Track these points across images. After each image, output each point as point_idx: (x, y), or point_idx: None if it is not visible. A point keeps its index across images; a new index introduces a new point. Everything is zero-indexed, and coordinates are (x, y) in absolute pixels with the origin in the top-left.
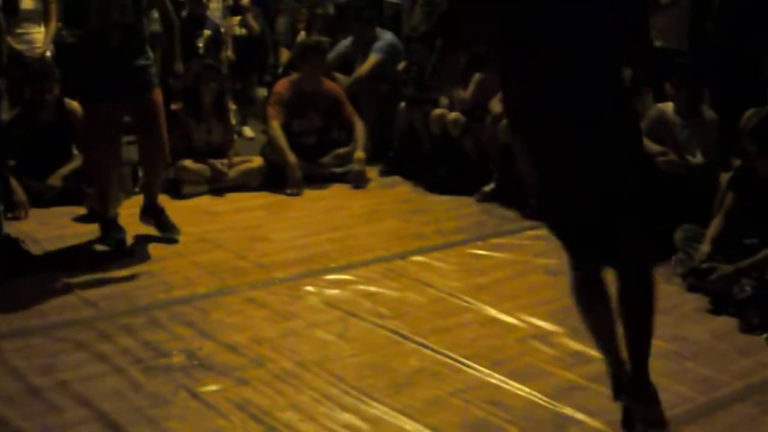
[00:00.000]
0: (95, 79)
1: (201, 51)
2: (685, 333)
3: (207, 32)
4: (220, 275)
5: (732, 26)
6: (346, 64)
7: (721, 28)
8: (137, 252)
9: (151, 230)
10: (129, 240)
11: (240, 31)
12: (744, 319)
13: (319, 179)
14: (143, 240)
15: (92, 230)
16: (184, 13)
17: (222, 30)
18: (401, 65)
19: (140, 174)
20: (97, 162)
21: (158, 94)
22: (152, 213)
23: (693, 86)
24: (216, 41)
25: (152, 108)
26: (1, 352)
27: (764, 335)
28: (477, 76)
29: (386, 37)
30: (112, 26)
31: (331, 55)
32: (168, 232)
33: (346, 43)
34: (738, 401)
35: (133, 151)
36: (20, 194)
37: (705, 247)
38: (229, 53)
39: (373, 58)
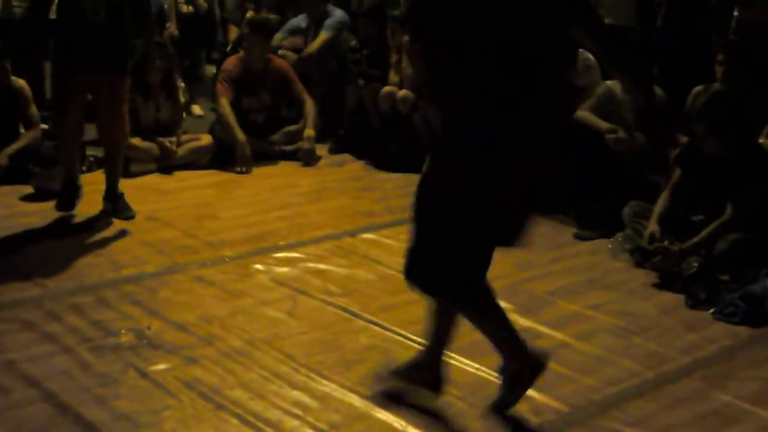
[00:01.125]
0: (72, 50)
1: None
2: (633, 308)
3: None
4: (168, 253)
5: (679, 3)
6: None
7: (668, 4)
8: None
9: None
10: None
11: (187, 8)
12: (690, 295)
13: (268, 157)
14: (95, 217)
15: (39, 209)
16: None
17: (165, 6)
18: (352, 42)
19: (87, 153)
20: (64, 133)
21: (127, 79)
22: (110, 198)
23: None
24: (160, 18)
25: (118, 90)
26: None
27: (711, 310)
28: None
29: (337, 14)
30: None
31: (283, 33)
32: (121, 214)
33: (297, 20)
34: (685, 376)
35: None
36: None
37: (652, 227)
38: (172, 29)
39: (323, 36)
